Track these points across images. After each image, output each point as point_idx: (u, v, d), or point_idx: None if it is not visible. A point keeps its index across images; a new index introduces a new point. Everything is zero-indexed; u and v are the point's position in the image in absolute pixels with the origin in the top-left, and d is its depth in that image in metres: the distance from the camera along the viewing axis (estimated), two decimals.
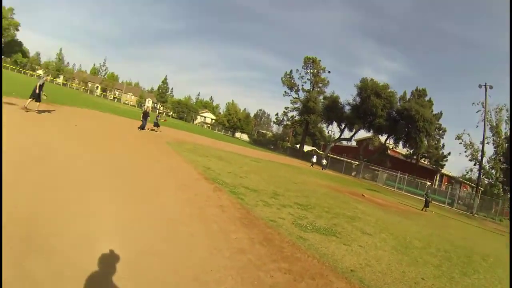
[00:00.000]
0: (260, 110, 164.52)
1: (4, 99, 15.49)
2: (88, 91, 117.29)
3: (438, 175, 58.02)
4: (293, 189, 15.39)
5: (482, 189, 47.76)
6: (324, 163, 48.73)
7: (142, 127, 24.30)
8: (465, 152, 44.10)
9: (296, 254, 6.29)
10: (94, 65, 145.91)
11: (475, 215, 35.08)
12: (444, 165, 57.88)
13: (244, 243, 6.27)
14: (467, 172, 46.25)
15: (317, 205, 12.54)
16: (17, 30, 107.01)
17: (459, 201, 41.22)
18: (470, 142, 43.74)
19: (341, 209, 13.11)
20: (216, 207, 8.53)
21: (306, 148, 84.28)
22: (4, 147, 6.99)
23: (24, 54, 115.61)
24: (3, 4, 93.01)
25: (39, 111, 16.41)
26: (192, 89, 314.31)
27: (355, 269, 6.25)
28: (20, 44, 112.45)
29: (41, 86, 16.57)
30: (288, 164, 38.03)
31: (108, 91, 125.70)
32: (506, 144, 41.35)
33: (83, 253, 4.31)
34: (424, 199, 24.19)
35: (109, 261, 4.25)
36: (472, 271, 8.61)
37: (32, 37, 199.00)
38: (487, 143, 41.73)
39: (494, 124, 42.19)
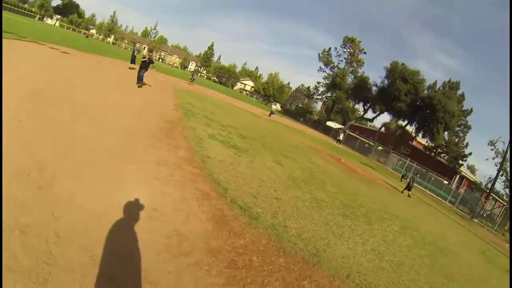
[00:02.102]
0: (302, 85, 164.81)
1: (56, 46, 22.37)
2: (136, 51, 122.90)
3: (458, 176, 54.52)
4: (257, 131, 17.74)
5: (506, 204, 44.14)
6: (340, 138, 49.48)
7: (139, 80, 17.55)
8: (494, 159, 42.79)
9: (175, 130, 8.87)
10: (146, 28, 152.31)
11: (474, 220, 30.72)
12: (462, 164, 55.75)
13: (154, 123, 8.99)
14: (489, 181, 44.26)
15: (261, 140, 15.03)
16: None
17: (468, 204, 36.60)
18: (503, 151, 39.94)
19: (286, 150, 15.33)
20: (157, 114, 11.49)
21: (337, 126, 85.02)
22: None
23: (80, 15, 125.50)
24: None
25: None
26: (241, 59, 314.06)
27: (209, 158, 8.57)
28: (77, 6, 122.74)
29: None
30: (294, 127, 40.37)
31: (154, 52, 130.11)
32: None
33: None
34: (408, 181, 22.65)
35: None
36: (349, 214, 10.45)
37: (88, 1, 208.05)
38: None
39: None
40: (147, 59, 18.10)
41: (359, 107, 77.43)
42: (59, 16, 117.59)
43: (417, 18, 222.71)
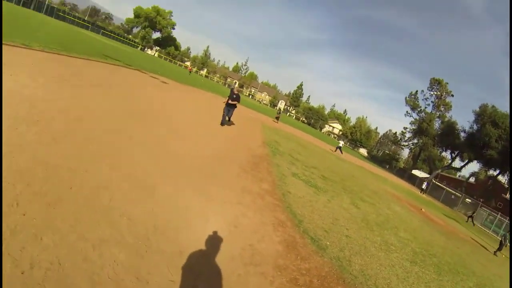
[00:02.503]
0: (390, 130, 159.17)
1: (156, 76, 26.19)
2: (227, 85, 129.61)
3: None
4: (340, 174, 17.99)
5: None
6: (424, 187, 47.10)
7: (224, 120, 15.71)
8: None
9: (261, 165, 9.88)
10: (237, 63, 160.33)
11: None
12: None
13: (242, 156, 10.11)
14: None
15: (342, 183, 15.28)
16: (173, 28, 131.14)
17: None
18: None
19: (365, 195, 15.43)
20: (245, 148, 12.66)
21: (422, 175, 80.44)
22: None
23: (176, 48, 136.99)
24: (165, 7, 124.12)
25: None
26: (330, 100, 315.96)
27: (289, 193, 9.40)
28: (174, 39, 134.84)
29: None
30: (378, 174, 39.44)
31: (244, 88, 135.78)
32: None
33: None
34: (500, 240, 21.36)
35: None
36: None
37: (186, 35, 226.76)
38: None
39: None
40: (236, 95, 15.48)
41: (446, 155, 72.37)
42: (158, 48, 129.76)
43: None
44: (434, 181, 55.15)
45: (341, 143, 40.83)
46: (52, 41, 20.13)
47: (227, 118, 16.10)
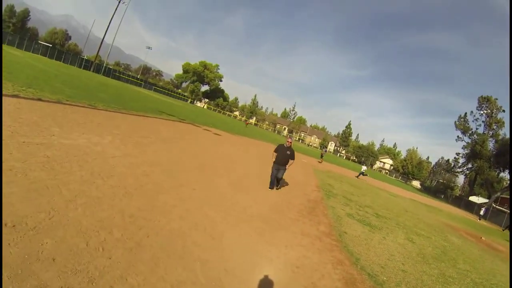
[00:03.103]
0: (442, 158, 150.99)
1: (208, 128, 27.66)
2: (276, 131, 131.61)
3: None
4: (393, 211, 17.79)
5: None
6: (482, 213, 43.92)
7: (272, 183, 11.96)
8: None
9: (317, 208, 10.36)
10: (285, 109, 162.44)
11: None
12: None
13: (299, 201, 10.72)
14: None
15: (396, 219, 15.09)
16: (221, 81, 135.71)
17: None
18: None
19: (420, 228, 15.05)
20: (301, 194, 13.20)
21: (480, 200, 74.73)
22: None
23: (225, 98, 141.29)
24: (211, 61, 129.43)
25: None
26: (379, 135, 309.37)
27: (345, 233, 9.66)
28: (222, 91, 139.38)
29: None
30: (432, 206, 37.59)
31: (294, 133, 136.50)
32: None
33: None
34: None
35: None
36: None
37: (233, 85, 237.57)
38: None
39: None
40: (289, 150, 11.63)
41: (505, 175, 66.05)
42: (207, 100, 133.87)
43: None
44: (494, 206, 51.23)
45: (364, 168, 39.70)
46: (112, 100, 22.31)
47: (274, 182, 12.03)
